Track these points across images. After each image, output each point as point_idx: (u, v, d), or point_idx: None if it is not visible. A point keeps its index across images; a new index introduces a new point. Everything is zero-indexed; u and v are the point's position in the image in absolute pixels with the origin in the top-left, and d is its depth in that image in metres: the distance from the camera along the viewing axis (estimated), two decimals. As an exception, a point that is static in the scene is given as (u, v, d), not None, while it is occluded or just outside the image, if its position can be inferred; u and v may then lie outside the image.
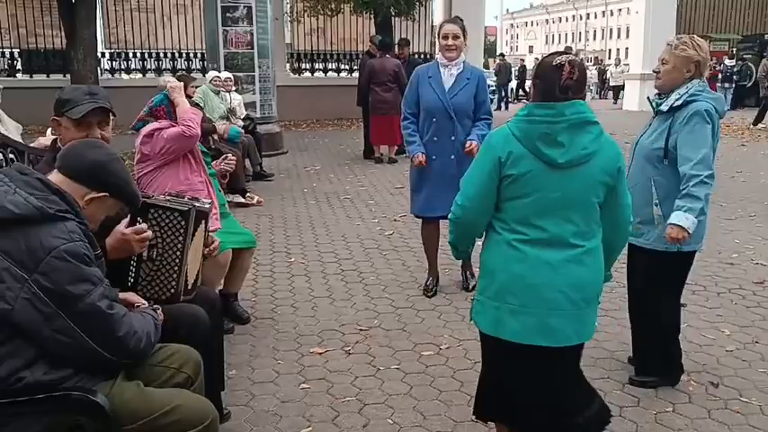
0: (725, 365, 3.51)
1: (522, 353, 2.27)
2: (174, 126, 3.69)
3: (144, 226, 2.34)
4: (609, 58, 52.05)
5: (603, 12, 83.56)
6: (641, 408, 3.09)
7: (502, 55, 23.65)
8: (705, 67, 3.05)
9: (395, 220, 6.58)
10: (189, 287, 2.62)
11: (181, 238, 2.44)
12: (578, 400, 2.43)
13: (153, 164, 3.70)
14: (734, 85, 18.82)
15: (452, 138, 4.32)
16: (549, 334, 2.23)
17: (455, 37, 4.27)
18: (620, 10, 78.46)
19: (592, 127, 2.22)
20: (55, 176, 1.98)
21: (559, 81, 2.17)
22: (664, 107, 3.03)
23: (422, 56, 16.58)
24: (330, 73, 17.65)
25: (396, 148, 10.27)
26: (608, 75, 25.79)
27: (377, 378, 3.42)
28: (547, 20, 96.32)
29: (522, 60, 23.84)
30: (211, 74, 8.46)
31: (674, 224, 2.88)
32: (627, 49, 57.30)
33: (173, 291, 2.46)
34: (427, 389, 3.31)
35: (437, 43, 4.53)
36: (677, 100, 2.98)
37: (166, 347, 2.28)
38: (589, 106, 2.29)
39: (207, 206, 2.69)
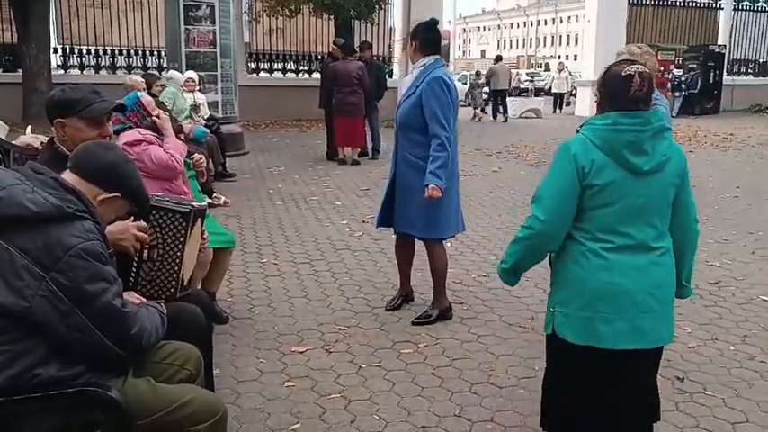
0: (688, 361, 3.71)
1: (617, 358, 2.28)
2: (159, 145, 3.68)
3: (144, 225, 2.37)
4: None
5: (553, 19, 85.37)
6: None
7: (499, 57, 21.13)
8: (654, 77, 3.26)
9: (363, 222, 6.67)
10: (184, 284, 2.65)
11: (182, 239, 2.48)
12: (655, 394, 2.51)
13: None
14: (684, 94, 19.52)
15: (396, 150, 4.04)
16: (644, 336, 2.28)
17: (402, 46, 4.11)
18: (569, 17, 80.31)
19: (667, 133, 2.27)
20: (68, 176, 2.00)
21: (628, 92, 2.18)
22: None
23: (381, 59, 16.69)
24: (289, 74, 17.62)
25: (359, 150, 10.36)
26: (551, 81, 26.23)
27: (359, 376, 3.50)
28: (499, 25, 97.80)
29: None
30: (187, 74, 8.60)
31: None
32: (576, 56, 58.64)
33: (172, 290, 2.49)
34: (409, 385, 3.40)
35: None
36: None
37: (168, 345, 2.32)
38: None
39: (204, 205, 2.74)
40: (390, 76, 12.64)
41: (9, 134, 4.46)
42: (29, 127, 4.17)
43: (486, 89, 19.33)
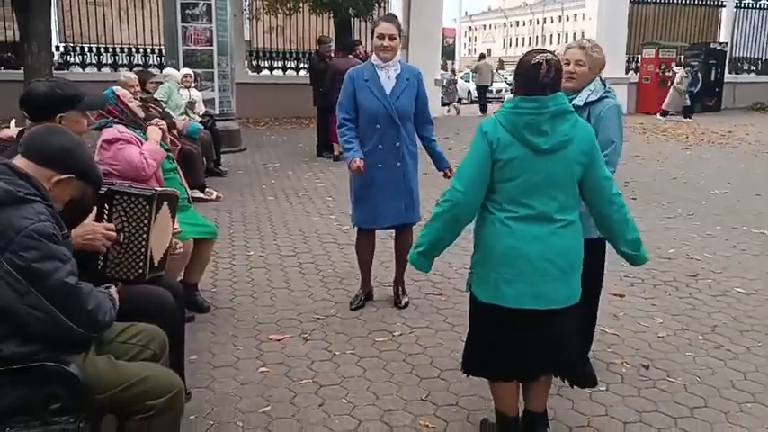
0: (656, 350, 3.78)
1: (520, 316, 2.53)
2: (138, 145, 3.77)
3: (112, 225, 2.48)
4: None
5: (560, 17, 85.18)
6: (577, 387, 3.32)
7: (482, 55, 23.01)
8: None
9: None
10: (156, 265, 2.75)
11: (146, 221, 2.59)
12: (575, 346, 2.74)
13: (105, 168, 3.75)
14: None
15: (397, 144, 4.11)
16: (541, 298, 2.52)
17: (391, 38, 4.01)
18: (575, 15, 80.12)
19: (570, 116, 2.50)
20: (19, 161, 2.10)
21: (537, 78, 2.42)
22: (578, 102, 3.14)
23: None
24: (289, 71, 17.70)
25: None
26: None
27: (333, 362, 3.60)
28: (504, 23, 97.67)
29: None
30: (184, 71, 8.79)
31: None
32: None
33: (140, 271, 2.60)
34: (380, 372, 3.50)
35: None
36: (590, 95, 3.17)
37: (134, 326, 2.42)
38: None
39: (174, 190, 2.85)
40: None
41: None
42: (13, 120, 4.28)
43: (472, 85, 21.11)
